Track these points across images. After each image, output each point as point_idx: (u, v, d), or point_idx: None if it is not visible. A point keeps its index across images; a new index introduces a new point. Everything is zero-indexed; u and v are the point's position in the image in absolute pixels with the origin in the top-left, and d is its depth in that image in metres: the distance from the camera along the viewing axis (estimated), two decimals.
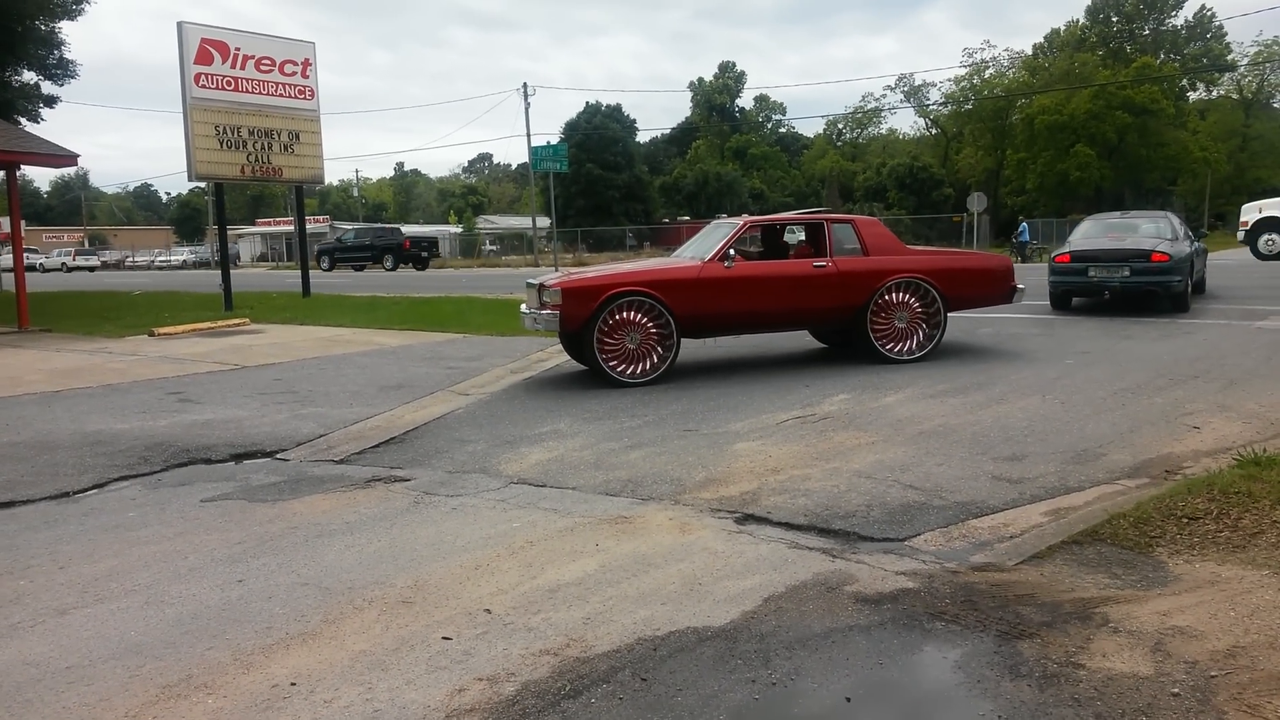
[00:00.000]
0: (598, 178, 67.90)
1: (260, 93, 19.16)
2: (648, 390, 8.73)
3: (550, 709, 2.93)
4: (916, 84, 76.62)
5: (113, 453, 6.78)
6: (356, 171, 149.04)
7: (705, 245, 9.86)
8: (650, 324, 9.02)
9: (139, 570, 4.38)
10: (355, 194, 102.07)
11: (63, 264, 66.89)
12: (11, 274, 18.38)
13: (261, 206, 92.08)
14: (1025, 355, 10.13)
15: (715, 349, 11.03)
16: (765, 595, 3.81)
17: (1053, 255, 15.06)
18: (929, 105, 77.14)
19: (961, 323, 11.59)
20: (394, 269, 45.52)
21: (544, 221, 58.63)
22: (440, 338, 13.42)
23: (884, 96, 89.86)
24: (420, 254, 46.41)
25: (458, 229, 73.88)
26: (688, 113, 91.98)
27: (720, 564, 4.19)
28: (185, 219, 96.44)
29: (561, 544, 4.55)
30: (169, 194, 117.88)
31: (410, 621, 3.67)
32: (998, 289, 10.40)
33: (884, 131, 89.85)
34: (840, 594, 3.81)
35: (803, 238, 10.61)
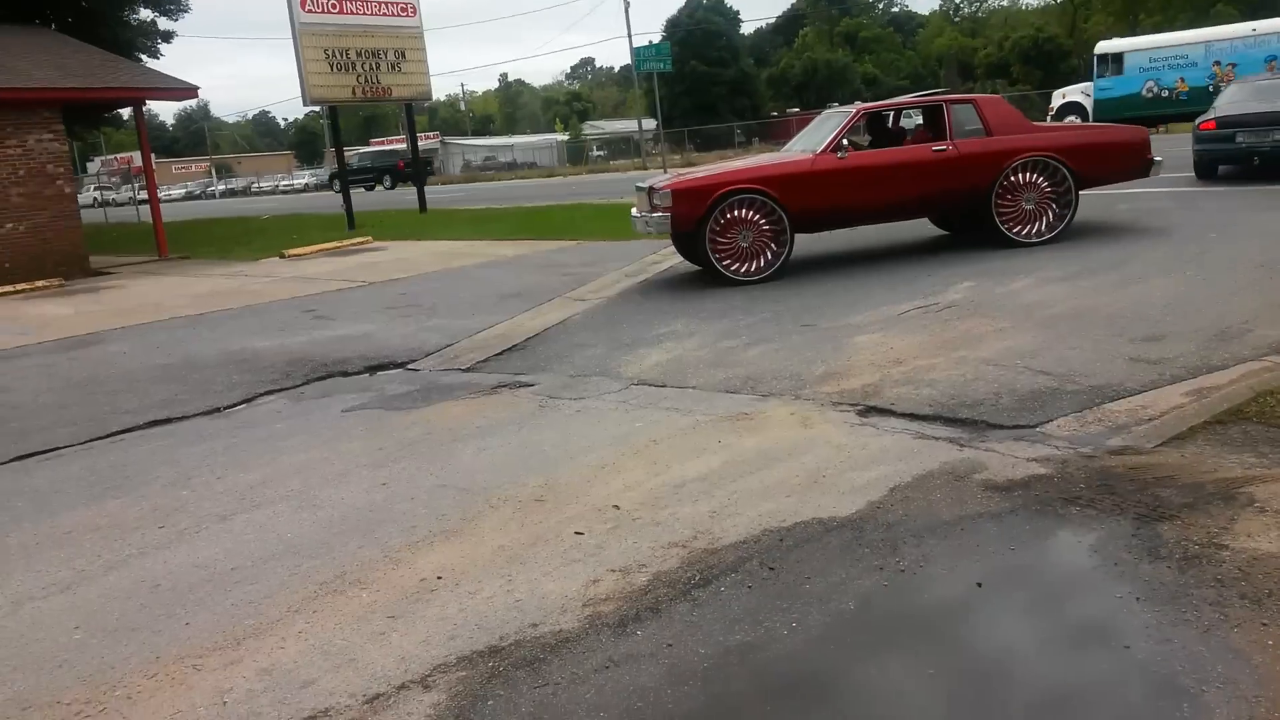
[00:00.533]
0: (702, 75, 66.29)
1: (364, 13, 19.30)
2: (763, 287, 8.65)
3: (681, 597, 3.03)
4: None
5: (257, 369, 7.17)
6: (462, 85, 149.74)
7: (816, 137, 9.57)
8: (763, 221, 8.85)
9: (290, 477, 4.67)
10: (462, 108, 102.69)
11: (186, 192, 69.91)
12: (148, 206, 19.32)
13: (374, 127, 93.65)
14: (1164, 231, 9.56)
15: (831, 241, 10.80)
16: (891, 485, 3.80)
17: (1196, 122, 14.04)
18: None
19: (1097, 200, 11.00)
20: (392, 187, 48.20)
21: (650, 124, 57.85)
22: (553, 245, 13.54)
23: None
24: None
25: (564, 136, 73.68)
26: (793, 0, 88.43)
27: (844, 456, 4.19)
28: (304, 143, 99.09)
29: (684, 442, 4.61)
30: (286, 119, 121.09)
31: (543, 518, 3.81)
32: (1132, 163, 9.77)
33: (1004, 3, 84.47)
34: (969, 482, 3.77)
35: (920, 122, 10.19)
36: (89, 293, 13.26)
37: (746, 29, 79.91)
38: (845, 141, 9.05)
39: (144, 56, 29.68)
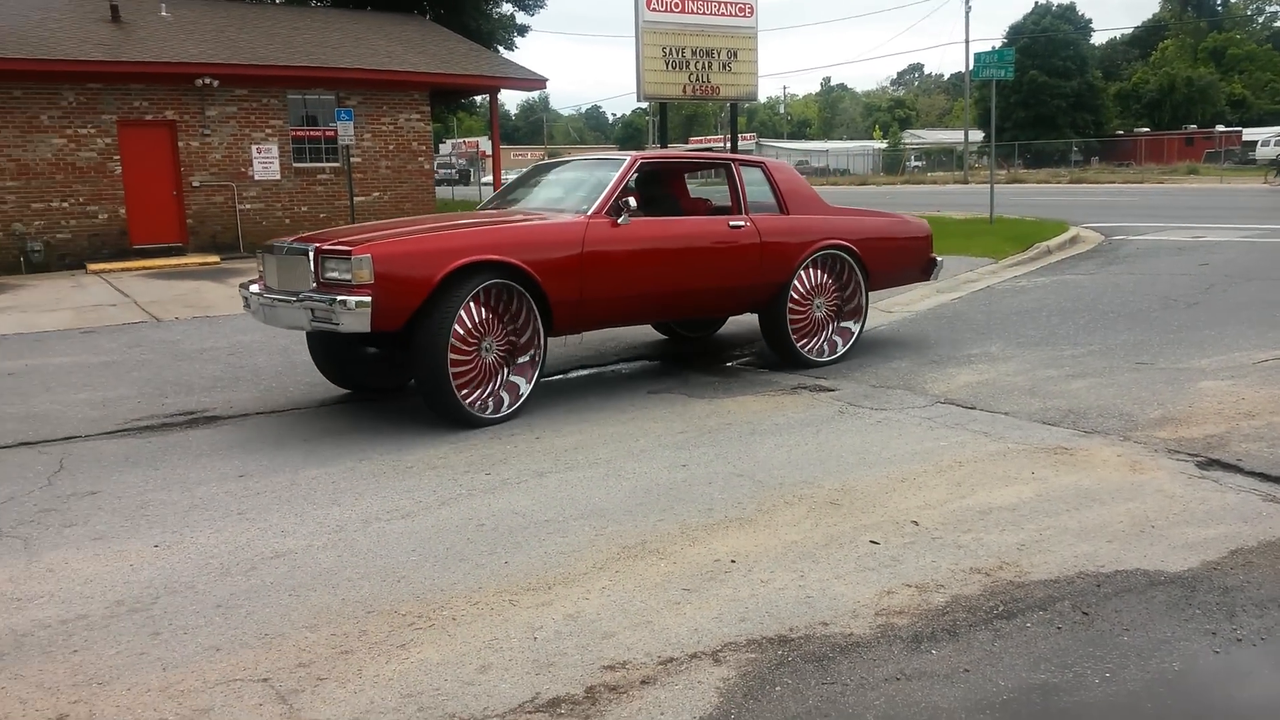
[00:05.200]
0: (1041, 85, 62.26)
1: (704, 12, 19.90)
2: (1095, 318, 8.04)
3: (982, 625, 2.91)
4: None
5: (570, 344, 7.69)
6: (784, 88, 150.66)
7: (571, 192, 6.46)
8: (508, 320, 5.59)
9: (600, 446, 4.97)
10: (781, 110, 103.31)
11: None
12: (492, 187, 21.16)
13: (694, 125, 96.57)
14: None
15: (1179, 268, 9.80)
16: (1232, 547, 3.42)
17: None
18: None
19: None
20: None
21: (975, 135, 55.29)
22: None
23: None
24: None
25: (881, 144, 72.14)
26: (1155, 8, 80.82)
27: (1177, 508, 3.82)
28: (629, 138, 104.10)
29: (993, 467, 4.41)
30: (615, 114, 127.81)
31: (838, 522, 3.80)
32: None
33: None
34: None
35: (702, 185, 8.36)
36: None
37: (1098, 39, 74.07)
38: (629, 200, 5.86)
39: (500, 48, 32.43)
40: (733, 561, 3.43)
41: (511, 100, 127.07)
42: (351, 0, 26.50)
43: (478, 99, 32.42)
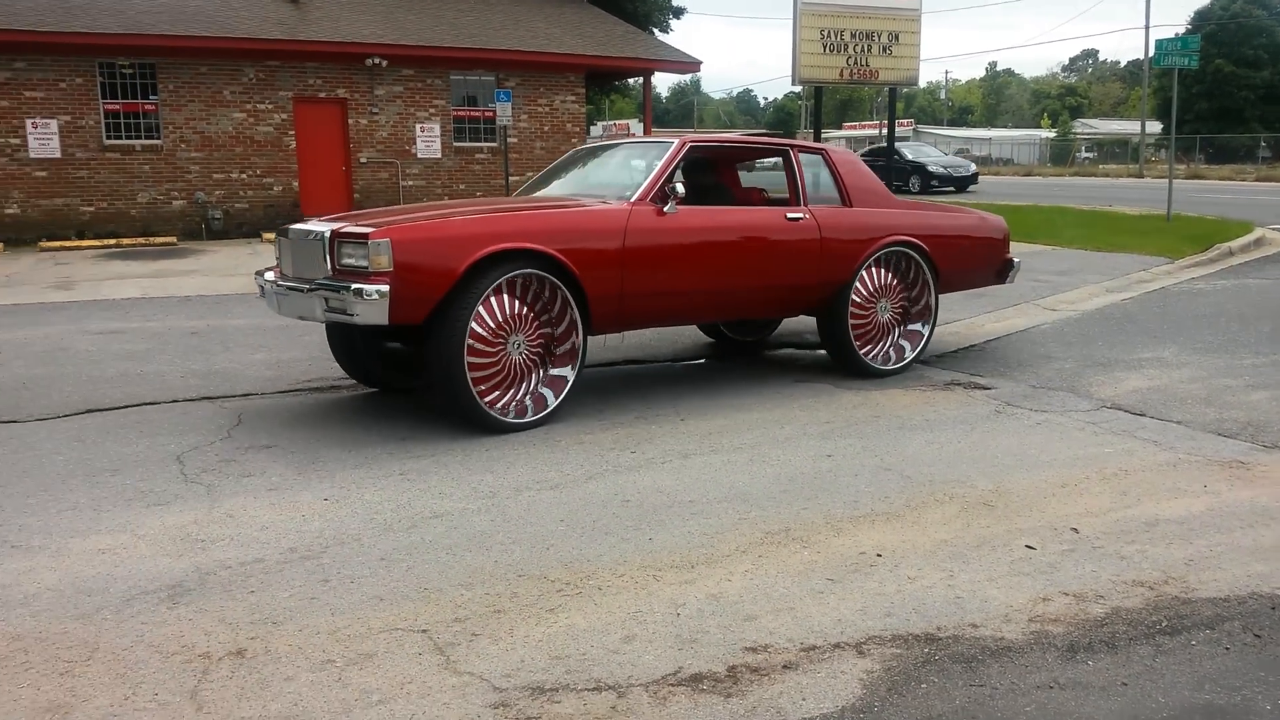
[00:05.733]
0: (1228, 76, 57.96)
1: None
2: (1267, 318, 7.50)
3: (1143, 640, 2.78)
4: None
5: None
6: (946, 73, 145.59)
7: (616, 176, 6.08)
8: (541, 314, 5.19)
9: (744, 431, 4.97)
10: (942, 96, 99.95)
11: None
12: None
13: (849, 110, 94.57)
14: None
15: None
16: None
17: None
18: None
19: None
20: None
21: (1153, 127, 52.10)
22: (1024, 248, 12.79)
23: None
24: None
25: (1049, 133, 68.84)
26: None
27: None
28: (779, 123, 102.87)
29: (1161, 478, 4.19)
30: (766, 99, 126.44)
31: (991, 524, 3.69)
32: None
33: None
34: None
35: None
36: None
37: None
38: (677, 187, 5.38)
39: (655, 30, 32.58)
40: (879, 555, 3.38)
41: (663, 83, 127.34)
42: None
43: (631, 81, 32.68)
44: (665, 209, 5.32)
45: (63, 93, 15.86)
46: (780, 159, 6.23)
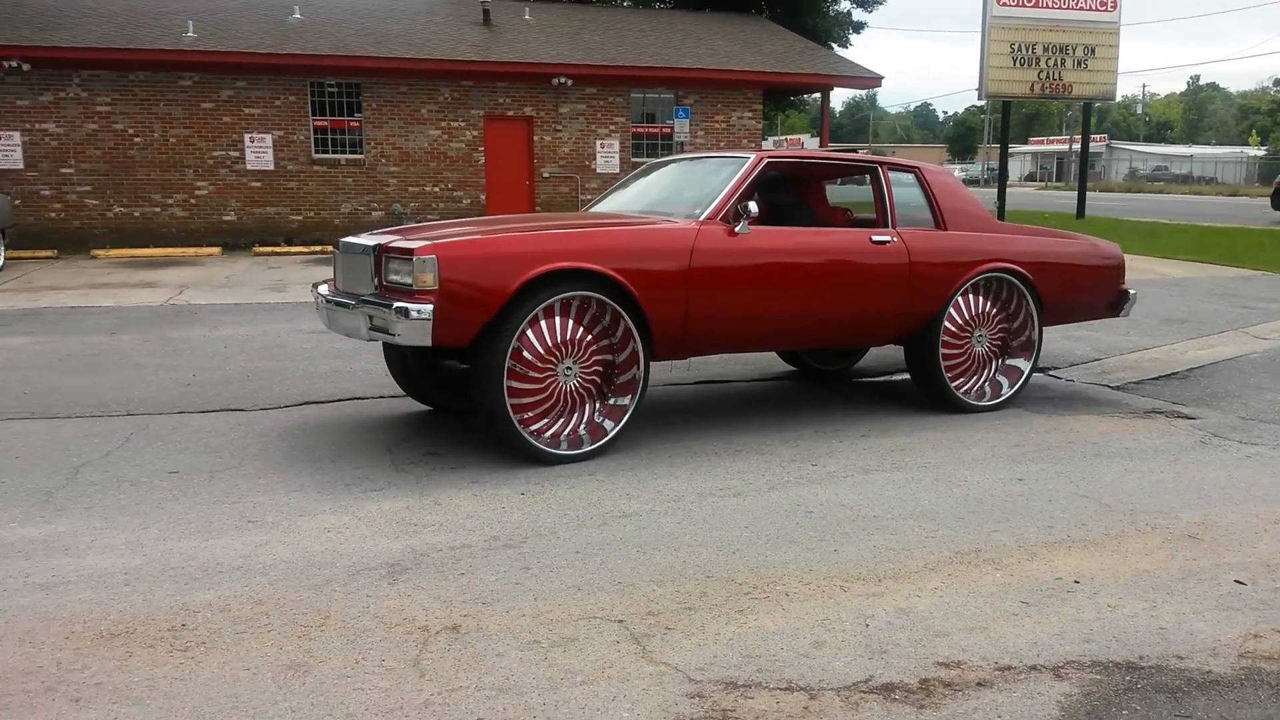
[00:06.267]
0: None
1: (1060, 6, 18.73)
2: None
3: None
4: None
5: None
6: (1143, 87, 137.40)
7: (684, 194, 5.72)
8: (600, 339, 4.92)
9: (928, 450, 4.92)
10: (1139, 111, 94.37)
11: None
12: None
13: (1035, 125, 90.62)
14: None
15: None
16: None
17: None
18: None
19: None
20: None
21: None
22: (1232, 273, 12.01)
23: None
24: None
25: (1258, 150, 63.81)
26: None
27: None
28: (959, 137, 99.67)
29: None
30: (945, 113, 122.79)
31: (1196, 556, 3.53)
32: None
33: None
34: None
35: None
36: None
37: None
38: (749, 205, 5.02)
39: (834, 45, 32.28)
40: (1076, 582, 3.30)
41: (837, 97, 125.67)
42: (693, 1, 27.54)
43: (808, 97, 32.50)
44: (737, 229, 5.01)
45: (277, 110, 17.25)
46: (868, 177, 5.87)
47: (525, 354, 4.57)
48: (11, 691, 2.55)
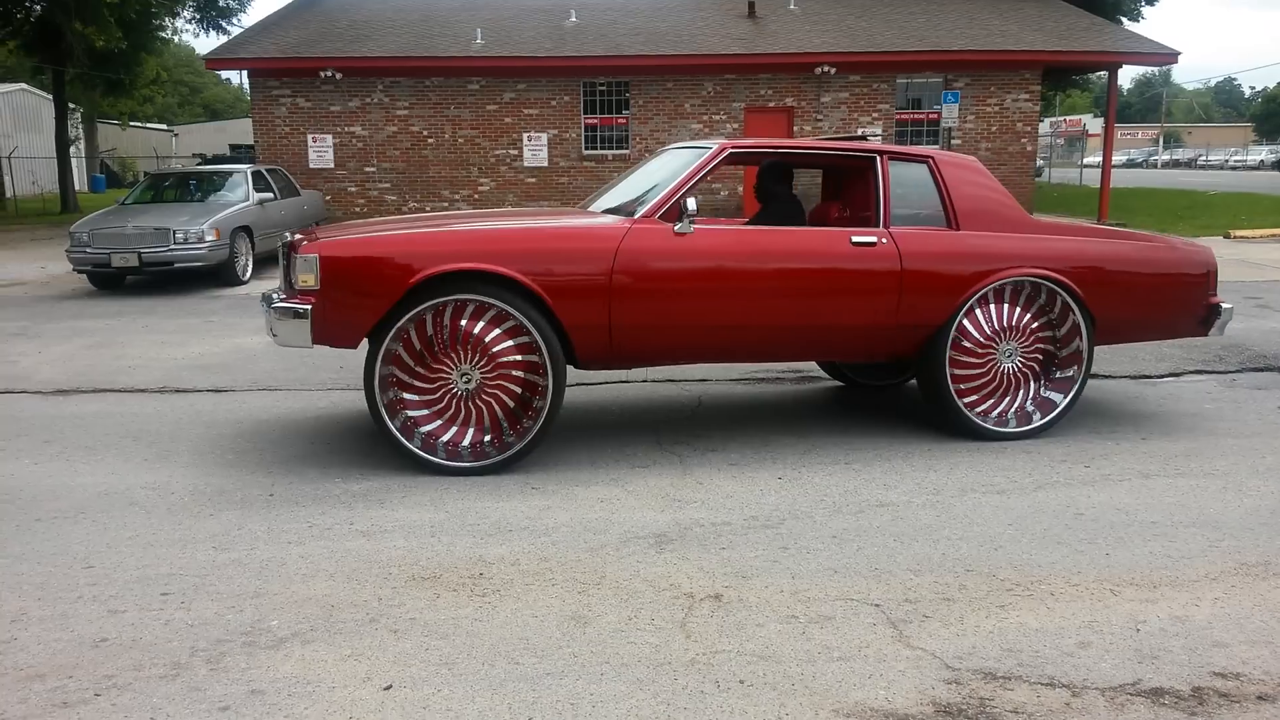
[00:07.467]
0: None
1: None
2: None
3: None
4: None
5: (1188, 346, 7.06)
6: None
7: (641, 186, 5.13)
8: (512, 347, 4.50)
9: (1216, 457, 4.59)
10: None
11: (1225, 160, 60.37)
12: (1098, 171, 19.73)
13: None
14: None
15: None
16: None
17: None
18: None
19: None
20: None
21: None
22: None
23: None
24: None
25: None
26: None
27: None
28: (1268, 115, 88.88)
29: None
30: (1253, 88, 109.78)
31: None
32: None
33: None
34: None
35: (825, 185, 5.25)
36: None
37: None
38: (689, 202, 4.44)
39: (1124, 19, 29.80)
40: None
41: (1125, 75, 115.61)
42: None
43: (1092, 75, 30.24)
44: (676, 228, 4.52)
45: (553, 110, 18.33)
46: (864, 169, 5.07)
47: (405, 357, 4.41)
48: (343, 619, 3.01)
